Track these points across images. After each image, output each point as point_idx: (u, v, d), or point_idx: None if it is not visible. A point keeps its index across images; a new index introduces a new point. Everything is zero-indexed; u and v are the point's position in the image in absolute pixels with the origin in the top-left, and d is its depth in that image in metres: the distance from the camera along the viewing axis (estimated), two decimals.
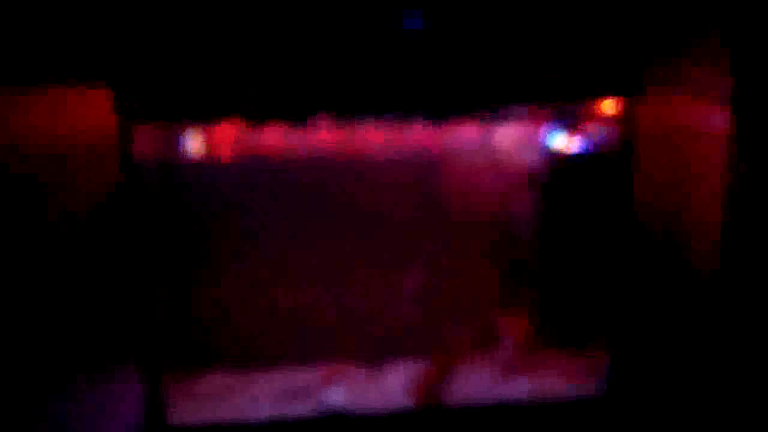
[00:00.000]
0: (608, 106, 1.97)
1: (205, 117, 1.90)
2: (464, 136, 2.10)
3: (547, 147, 2.24)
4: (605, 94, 1.93)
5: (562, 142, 2.19)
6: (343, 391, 2.06)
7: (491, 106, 1.96)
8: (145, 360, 1.87)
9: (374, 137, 2.07)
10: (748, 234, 1.53)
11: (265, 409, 2.02)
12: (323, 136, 2.05)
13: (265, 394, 2.11)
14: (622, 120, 1.93)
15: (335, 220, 2.26)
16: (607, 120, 1.99)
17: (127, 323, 1.82)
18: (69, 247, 1.53)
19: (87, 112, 1.67)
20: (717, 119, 1.56)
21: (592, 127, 2.11)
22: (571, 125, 2.17)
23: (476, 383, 2.13)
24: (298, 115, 1.90)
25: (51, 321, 1.42)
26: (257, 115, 1.90)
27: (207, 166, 2.16)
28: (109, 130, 1.76)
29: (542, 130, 2.15)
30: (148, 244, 1.90)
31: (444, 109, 1.95)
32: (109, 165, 1.77)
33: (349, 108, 1.88)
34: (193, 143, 2.05)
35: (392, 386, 2.14)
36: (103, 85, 1.71)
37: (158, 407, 1.89)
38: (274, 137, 2.05)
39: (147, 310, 1.87)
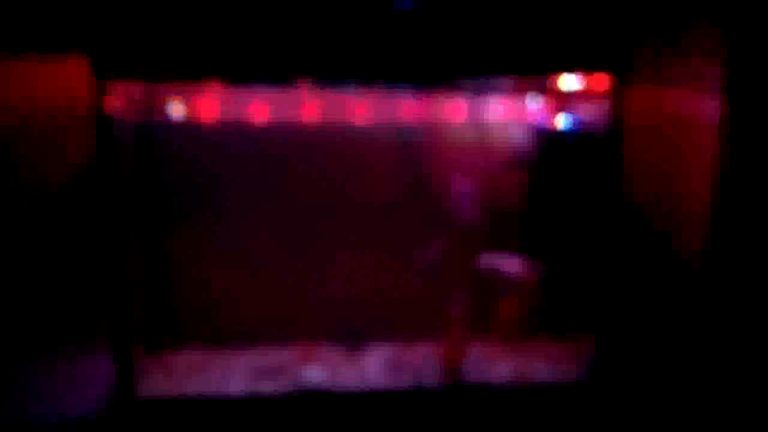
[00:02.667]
0: (597, 85, 1.94)
1: (181, 76, 1.84)
2: (450, 109, 2.08)
3: (535, 126, 2.23)
4: (593, 67, 1.90)
5: (551, 121, 2.18)
6: (319, 370, 2.03)
7: (479, 76, 1.92)
8: (116, 334, 1.83)
9: (358, 107, 2.04)
10: (737, 223, 1.52)
11: (238, 385, 1.99)
12: (306, 104, 2.00)
13: (238, 370, 2.08)
14: (611, 101, 1.90)
15: (315, 194, 2.22)
16: (596, 101, 1.96)
17: (100, 297, 1.78)
18: (44, 220, 1.52)
19: (64, 81, 1.64)
20: (708, 107, 1.55)
21: (580, 108, 2.10)
22: (559, 105, 2.16)
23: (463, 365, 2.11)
24: (280, 78, 1.85)
25: (25, 294, 1.42)
26: (238, 76, 1.84)
27: (185, 130, 2.11)
28: (87, 99, 1.71)
29: (530, 108, 2.13)
30: (123, 214, 1.86)
31: (431, 78, 1.91)
32: (86, 137, 1.72)
33: (333, 73, 1.83)
34: (171, 105, 2.01)
35: (369, 366, 2.11)
36: (80, 51, 1.67)
37: (128, 381, 1.85)
38: (257, 103, 2.00)
39: (120, 285, 1.83)
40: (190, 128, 2.11)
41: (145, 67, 1.76)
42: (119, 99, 1.79)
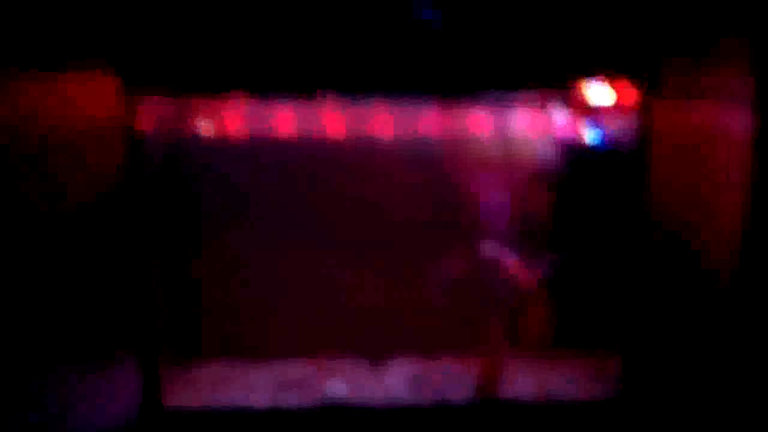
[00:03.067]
0: (625, 98, 1.93)
1: (209, 91, 1.88)
2: (474, 122, 2.07)
3: (561, 139, 2.20)
4: (621, 79, 1.90)
5: (577, 135, 2.16)
6: (343, 384, 2.04)
7: (504, 89, 1.92)
8: (143, 347, 1.85)
9: (383, 120, 2.05)
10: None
11: (262, 398, 2.00)
12: (331, 118, 2.01)
13: (262, 383, 2.09)
14: (639, 114, 1.88)
15: (341, 207, 2.23)
16: (623, 114, 1.95)
17: (127, 310, 1.80)
18: (74, 235, 1.53)
19: (94, 97, 1.65)
20: (738, 120, 1.52)
21: (607, 121, 2.07)
22: (586, 119, 2.13)
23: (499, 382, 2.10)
24: (305, 92, 1.87)
25: (54, 307, 1.43)
26: (265, 90, 1.87)
27: (213, 145, 2.13)
28: (117, 115, 1.73)
29: (556, 121, 2.12)
30: (151, 229, 1.88)
31: (455, 91, 1.91)
32: (116, 152, 1.74)
33: (357, 87, 1.85)
34: (199, 120, 2.04)
35: (392, 380, 2.11)
36: (110, 67, 1.69)
37: (155, 392, 1.87)
38: (283, 117, 2.01)
39: (146, 298, 1.85)
40: (217, 143, 2.13)
41: (174, 82, 1.79)
42: (148, 115, 1.82)
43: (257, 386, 2.08)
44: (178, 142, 2.13)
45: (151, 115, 1.86)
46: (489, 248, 2.29)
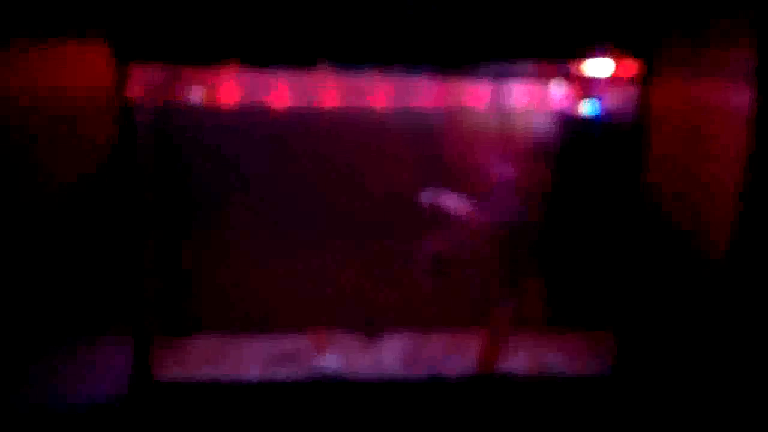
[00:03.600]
0: (624, 71, 1.91)
1: (201, 60, 1.86)
2: (471, 94, 2.05)
3: (558, 113, 2.19)
4: (620, 52, 1.88)
5: (575, 109, 2.14)
6: (336, 357, 2.05)
7: (501, 60, 1.91)
8: (135, 321, 1.86)
9: (379, 91, 2.02)
10: (763, 221, 1.47)
11: (254, 371, 2.01)
12: (325, 89, 1.99)
13: (254, 356, 2.10)
14: (637, 89, 1.87)
15: (334, 180, 2.22)
16: (622, 88, 1.93)
17: (120, 285, 1.81)
18: (65, 208, 1.52)
19: (85, 66, 1.63)
20: (737, 97, 1.49)
21: (606, 95, 2.06)
22: (585, 92, 2.11)
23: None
24: (299, 61, 1.85)
25: (46, 282, 1.43)
26: (258, 60, 1.85)
27: (205, 115, 2.10)
28: (108, 84, 1.72)
29: (554, 94, 2.10)
30: (143, 201, 1.88)
31: (452, 62, 1.90)
32: (107, 122, 1.73)
33: (352, 57, 1.84)
34: (191, 89, 2.01)
35: (386, 355, 2.13)
36: (100, 35, 1.68)
37: (146, 366, 1.89)
38: (277, 88, 2.00)
39: (139, 273, 1.87)
40: (209, 113, 2.10)
41: (166, 50, 1.77)
42: (140, 84, 1.80)
43: (248, 359, 2.09)
44: (170, 113, 2.10)
45: (142, 84, 1.84)
46: (482, 222, 2.29)
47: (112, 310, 1.79)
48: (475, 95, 2.04)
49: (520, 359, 2.11)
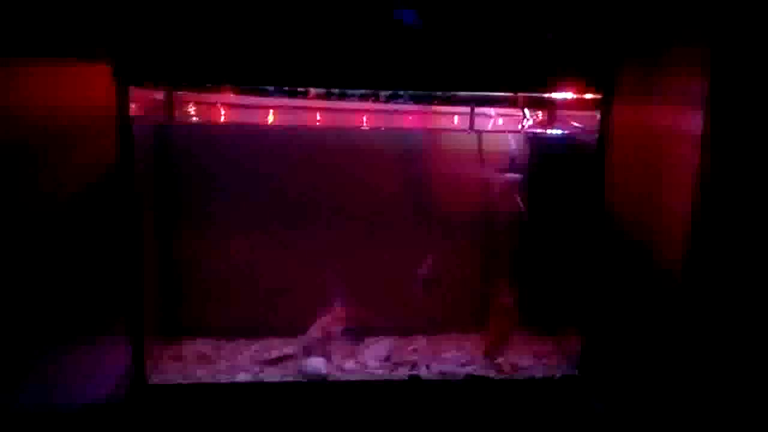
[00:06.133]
0: (586, 101, 1.99)
1: (199, 82, 1.93)
2: (448, 118, 2.16)
3: (529, 135, 2.31)
4: (578, 83, 1.97)
5: (544, 132, 2.25)
6: (322, 360, 2.11)
7: (474, 90, 2.02)
8: (132, 325, 1.90)
9: (364, 114, 2.13)
10: (715, 231, 1.55)
11: (245, 374, 2.07)
12: (316, 111, 2.09)
13: (246, 360, 2.17)
14: (599, 116, 1.94)
15: (323, 194, 2.32)
16: (588, 112, 2.01)
17: (117, 291, 1.84)
18: (67, 219, 1.53)
19: (87, 86, 1.66)
20: (690, 121, 1.56)
21: (573, 119, 2.15)
22: (553, 116, 2.22)
23: (456, 359, 2.20)
24: (290, 84, 1.94)
25: (46, 287, 1.44)
26: (253, 83, 1.93)
27: (201, 134, 2.21)
28: (109, 104, 1.76)
29: (524, 118, 2.20)
30: (140, 213, 1.92)
31: (431, 89, 2.00)
32: (108, 141, 1.76)
33: (340, 82, 1.93)
34: (189, 110, 2.07)
35: (369, 358, 2.20)
36: (103, 56, 1.72)
37: (141, 369, 1.93)
38: (270, 109, 2.08)
39: (136, 279, 1.90)
40: (205, 132, 2.21)
41: (165, 72, 1.84)
42: (140, 104, 1.85)
43: (240, 362, 2.15)
44: (169, 131, 2.19)
45: (143, 104, 1.89)
46: (459, 236, 2.40)
47: (109, 314, 1.81)
48: (452, 119, 2.15)
49: (495, 362, 2.19)
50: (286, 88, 1.94)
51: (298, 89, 1.95)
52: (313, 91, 1.96)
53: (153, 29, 1.78)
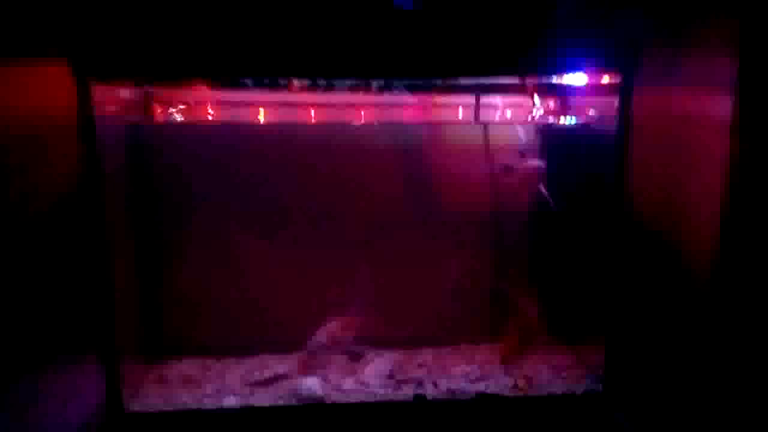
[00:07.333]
0: (606, 84, 1.89)
1: (166, 77, 1.79)
2: (452, 108, 2.05)
3: (541, 125, 2.18)
4: (600, 66, 1.85)
5: (557, 120, 2.13)
6: (318, 380, 1.98)
7: (480, 75, 1.89)
8: (106, 348, 1.79)
9: (356, 106, 2.00)
10: (749, 231, 1.45)
11: (234, 396, 1.94)
12: (299, 104, 1.96)
13: (235, 381, 2.04)
14: (619, 101, 1.82)
15: (311, 197, 2.17)
16: (605, 99, 1.90)
17: (89, 311, 1.75)
18: (32, 230, 1.47)
19: (44, 85, 1.58)
20: (719, 107, 1.47)
21: (589, 106, 2.04)
22: (568, 103, 2.11)
23: (466, 375, 2.08)
24: (269, 75, 1.79)
25: (13, 308, 1.38)
26: (226, 77, 1.80)
27: (174, 132, 2.06)
28: (69, 103, 1.65)
29: (537, 106, 2.08)
30: (113, 222, 1.80)
31: (433, 76, 1.87)
32: (71, 142, 1.67)
33: (330, 72, 1.78)
34: (158, 107, 1.97)
35: (370, 376, 2.07)
36: (60, 53, 1.62)
37: (117, 395, 1.81)
38: (248, 104, 1.97)
39: (109, 298, 1.79)
40: (177, 130, 2.06)
41: (129, 68, 1.70)
42: (106, 104, 1.74)
43: (229, 384, 2.02)
44: (137, 131, 2.04)
45: (108, 104, 1.78)
46: (469, 237, 2.27)
47: (83, 338, 1.74)
48: (456, 109, 2.02)
49: (511, 374, 2.08)
50: (267, 80, 1.78)
51: (280, 81, 1.79)
52: (296, 83, 1.81)
53: (111, 19, 1.64)
